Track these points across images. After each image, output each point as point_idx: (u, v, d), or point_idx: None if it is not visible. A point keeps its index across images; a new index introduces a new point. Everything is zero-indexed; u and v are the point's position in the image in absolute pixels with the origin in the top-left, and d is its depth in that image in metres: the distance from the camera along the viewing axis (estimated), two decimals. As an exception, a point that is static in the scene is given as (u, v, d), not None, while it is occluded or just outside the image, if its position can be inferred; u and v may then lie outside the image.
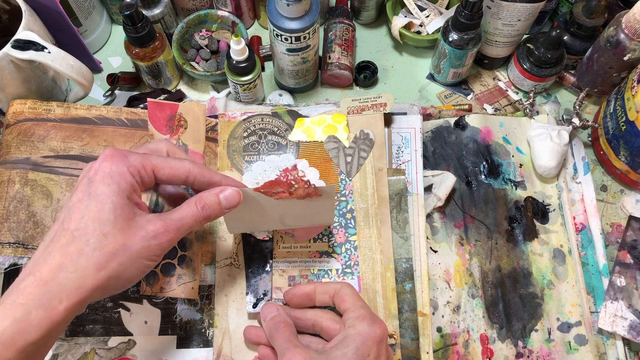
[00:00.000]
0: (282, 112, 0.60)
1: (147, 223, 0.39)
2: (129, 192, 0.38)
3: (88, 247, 0.36)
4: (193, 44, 0.68)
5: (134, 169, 0.39)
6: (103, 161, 0.39)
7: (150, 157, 0.41)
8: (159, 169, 0.41)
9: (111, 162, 0.38)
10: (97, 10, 0.68)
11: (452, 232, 0.57)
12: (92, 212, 0.36)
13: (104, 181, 0.37)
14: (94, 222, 0.36)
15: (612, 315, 0.54)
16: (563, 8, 0.71)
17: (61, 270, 0.35)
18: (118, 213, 0.37)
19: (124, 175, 0.38)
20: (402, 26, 0.68)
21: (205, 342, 0.52)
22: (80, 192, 0.38)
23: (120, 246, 0.37)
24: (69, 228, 0.36)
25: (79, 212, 0.37)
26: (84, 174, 0.40)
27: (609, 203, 0.62)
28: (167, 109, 0.58)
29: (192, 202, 0.41)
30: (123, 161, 0.39)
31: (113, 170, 0.38)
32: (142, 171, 0.40)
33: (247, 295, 0.52)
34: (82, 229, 0.36)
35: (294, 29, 0.56)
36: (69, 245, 0.36)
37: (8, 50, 0.51)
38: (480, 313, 0.54)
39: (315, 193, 0.46)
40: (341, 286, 0.46)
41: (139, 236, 0.38)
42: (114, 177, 0.38)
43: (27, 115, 0.56)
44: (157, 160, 0.41)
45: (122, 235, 0.37)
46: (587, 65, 0.64)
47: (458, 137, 0.61)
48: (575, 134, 0.62)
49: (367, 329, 0.42)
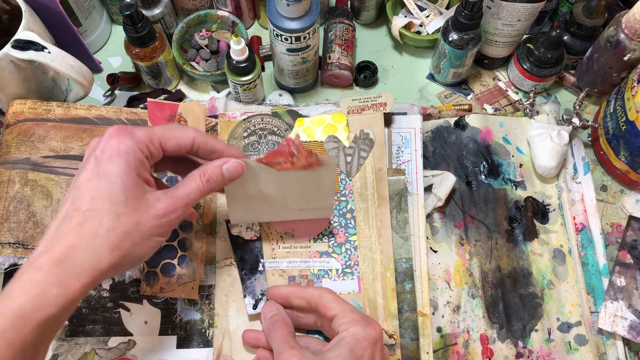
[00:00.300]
0: (282, 112, 0.60)
1: (156, 201, 0.39)
2: (138, 169, 0.38)
3: (101, 227, 0.36)
4: (193, 44, 0.68)
5: (142, 144, 0.39)
6: (110, 139, 0.38)
7: (155, 130, 0.40)
8: (165, 141, 0.40)
9: (118, 139, 0.38)
10: (97, 10, 0.68)
11: (452, 232, 0.57)
12: (103, 193, 0.36)
13: (113, 160, 0.37)
14: (106, 203, 0.36)
15: (612, 315, 0.54)
16: (563, 8, 0.71)
17: (76, 251, 0.35)
18: (129, 193, 0.37)
19: (132, 153, 0.38)
20: (402, 26, 0.68)
21: (205, 342, 0.52)
22: (88, 171, 0.38)
23: (132, 226, 0.37)
24: (81, 208, 0.36)
25: (89, 192, 0.37)
26: (90, 152, 0.39)
27: (609, 203, 0.62)
28: (167, 109, 0.58)
29: (197, 176, 0.41)
30: (130, 138, 0.38)
31: (121, 149, 0.38)
32: (150, 145, 0.39)
33: (245, 297, 0.52)
34: (94, 210, 0.36)
35: (294, 29, 0.56)
36: (82, 226, 0.36)
37: (8, 50, 0.52)
38: (480, 313, 0.54)
39: (316, 162, 0.46)
40: (320, 293, 0.45)
41: (150, 215, 0.38)
42: (122, 156, 0.37)
43: (27, 115, 0.56)
44: (163, 131, 0.41)
45: (134, 214, 0.37)
46: (587, 65, 0.64)
47: (458, 137, 0.61)
48: (575, 134, 0.62)
49: (362, 331, 0.41)
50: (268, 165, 0.46)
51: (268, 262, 0.54)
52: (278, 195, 0.49)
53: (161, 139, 0.40)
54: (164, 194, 0.40)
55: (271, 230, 0.55)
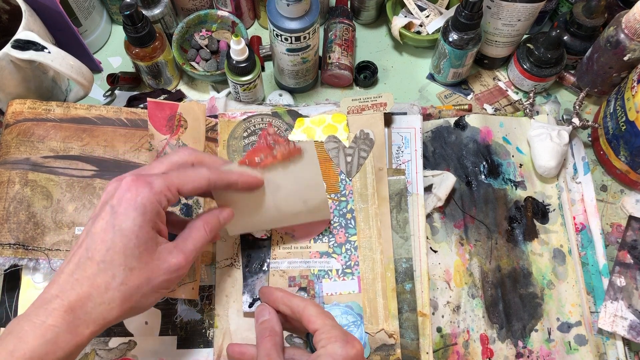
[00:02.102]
0: (282, 112, 0.60)
1: (168, 255, 0.40)
2: (153, 221, 0.39)
3: (115, 281, 0.37)
4: (193, 44, 0.68)
5: (160, 195, 0.39)
6: (127, 190, 0.39)
7: (172, 177, 0.41)
8: (182, 186, 0.41)
9: (136, 192, 0.39)
10: (97, 10, 0.68)
11: (452, 232, 0.57)
12: (117, 246, 0.37)
13: (129, 214, 0.38)
14: (120, 256, 0.37)
15: (612, 315, 0.54)
16: (563, 8, 0.71)
17: (89, 301, 0.37)
18: (142, 247, 0.38)
19: (149, 205, 0.39)
20: (402, 26, 0.68)
21: (205, 343, 0.52)
22: (104, 221, 0.38)
23: (144, 280, 0.39)
24: (95, 258, 0.37)
25: (104, 243, 0.38)
26: (106, 198, 0.40)
27: (609, 203, 0.62)
28: (167, 108, 0.58)
29: (201, 227, 0.43)
30: (148, 188, 0.39)
31: (138, 202, 0.38)
32: (168, 193, 0.40)
33: (243, 295, 0.52)
34: (108, 262, 0.37)
35: (294, 29, 0.56)
36: (96, 277, 0.37)
37: (8, 50, 0.51)
38: (480, 313, 0.54)
39: (296, 150, 0.47)
40: (305, 305, 0.44)
41: (162, 270, 0.40)
42: (138, 209, 0.38)
43: (26, 115, 0.56)
44: (180, 176, 0.41)
45: (146, 269, 0.39)
46: (587, 65, 0.64)
47: (458, 137, 0.61)
48: (575, 134, 0.62)
49: (340, 349, 0.40)
50: (250, 165, 0.46)
51: (270, 263, 0.54)
52: (270, 201, 0.49)
53: (178, 186, 0.41)
54: (175, 247, 0.41)
55: (272, 232, 0.55)
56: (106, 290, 0.37)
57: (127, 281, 0.38)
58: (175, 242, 0.42)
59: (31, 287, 0.51)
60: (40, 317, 0.36)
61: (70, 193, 0.54)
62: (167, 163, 0.43)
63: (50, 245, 0.51)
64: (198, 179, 0.42)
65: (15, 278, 0.52)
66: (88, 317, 0.37)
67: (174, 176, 0.41)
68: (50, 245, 0.51)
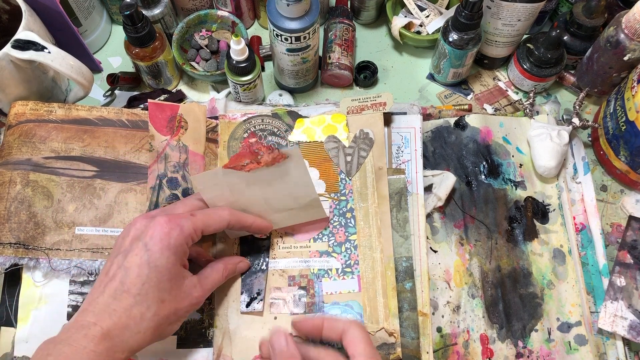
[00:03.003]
0: (282, 113, 0.60)
1: (192, 289, 0.45)
2: (182, 259, 0.44)
3: (149, 312, 0.42)
4: (193, 44, 0.68)
5: (188, 237, 0.44)
6: (161, 231, 0.43)
7: (198, 220, 0.45)
8: (206, 228, 0.46)
9: (169, 232, 0.43)
10: (97, 10, 0.68)
11: (452, 232, 0.57)
12: (152, 281, 0.42)
13: (163, 253, 0.42)
14: (154, 290, 0.42)
15: (612, 315, 0.54)
16: (563, 8, 0.71)
17: (126, 330, 0.41)
18: (173, 282, 0.43)
19: (180, 246, 0.43)
20: (402, 26, 0.68)
21: (205, 342, 0.52)
22: (138, 256, 0.42)
23: (172, 311, 0.43)
24: (131, 291, 0.41)
25: (140, 278, 0.41)
26: (137, 234, 0.44)
27: (609, 203, 0.62)
28: (168, 110, 0.58)
29: (220, 270, 0.49)
30: (179, 230, 0.43)
31: (171, 243, 0.43)
32: (194, 235, 0.45)
33: (241, 294, 0.52)
34: (143, 295, 0.41)
35: (294, 29, 0.56)
36: (132, 308, 0.41)
37: (8, 50, 0.52)
38: (480, 313, 0.54)
39: (280, 155, 0.49)
40: (350, 326, 0.43)
41: (187, 301, 0.45)
42: (172, 249, 0.43)
43: (28, 116, 0.56)
44: (203, 219, 0.46)
45: (175, 301, 0.43)
46: (587, 65, 0.64)
47: (458, 137, 0.61)
48: (575, 134, 0.62)
49: None
50: (236, 169, 0.48)
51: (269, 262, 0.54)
52: (261, 200, 0.51)
53: (202, 228, 0.46)
54: (198, 282, 0.46)
55: (271, 231, 0.55)
56: (141, 320, 0.41)
57: (159, 312, 0.42)
58: (198, 277, 0.46)
59: (31, 286, 0.51)
60: (80, 342, 0.39)
61: (71, 193, 0.54)
62: (189, 205, 0.49)
63: (50, 245, 0.51)
64: (220, 221, 0.47)
65: (16, 277, 0.52)
66: (124, 345, 0.40)
67: (199, 220, 0.45)
68: (50, 245, 0.51)
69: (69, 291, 0.52)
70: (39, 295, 0.51)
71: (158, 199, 0.55)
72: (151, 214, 0.46)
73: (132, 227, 0.44)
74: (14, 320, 0.51)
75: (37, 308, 0.51)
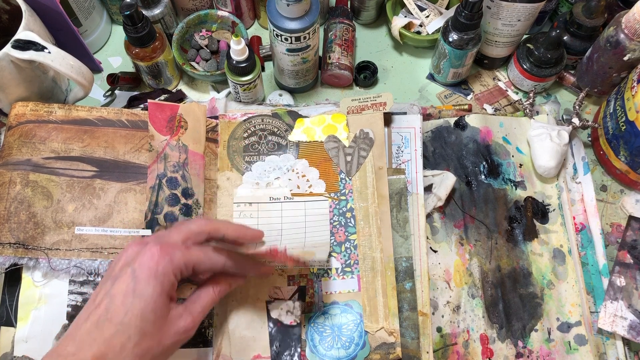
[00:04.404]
0: (282, 113, 0.60)
1: (178, 319, 0.43)
2: (168, 291, 0.42)
3: (129, 342, 0.40)
4: (193, 44, 0.68)
5: (177, 269, 0.42)
6: (150, 259, 0.41)
7: (192, 254, 0.43)
8: (198, 265, 0.44)
9: (158, 261, 0.41)
10: (97, 10, 0.68)
11: (452, 232, 0.57)
12: (136, 310, 0.40)
13: (150, 282, 0.41)
14: (137, 320, 0.40)
15: (612, 315, 0.54)
16: (563, 8, 0.71)
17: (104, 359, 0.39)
18: (157, 313, 0.41)
19: (167, 276, 0.42)
20: (402, 26, 0.68)
21: (204, 342, 0.52)
22: (124, 284, 0.41)
23: (155, 343, 0.41)
24: (113, 320, 0.40)
25: (123, 307, 0.40)
26: (127, 260, 0.42)
27: (608, 203, 0.62)
28: (168, 110, 0.58)
29: (210, 290, 0.46)
30: (169, 260, 0.42)
31: (159, 271, 0.41)
32: (184, 269, 0.43)
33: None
34: (125, 324, 0.40)
35: (294, 29, 0.56)
36: (112, 338, 0.39)
37: (8, 50, 0.52)
38: (480, 313, 0.54)
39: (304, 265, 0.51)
40: None
41: (172, 332, 0.42)
42: (158, 278, 0.41)
43: (28, 117, 0.56)
44: (199, 256, 0.44)
45: (158, 333, 0.41)
46: (587, 65, 0.64)
47: (458, 137, 0.61)
48: (575, 134, 0.62)
49: None
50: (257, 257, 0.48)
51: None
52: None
53: (195, 264, 0.43)
54: (184, 310, 0.44)
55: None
56: (121, 351, 0.39)
57: (141, 343, 0.40)
58: (184, 305, 0.44)
59: (31, 286, 0.51)
60: None
61: (71, 193, 0.54)
62: (185, 232, 0.45)
63: (50, 245, 0.51)
64: (215, 262, 0.45)
65: (16, 277, 0.52)
66: None
67: (193, 255, 0.44)
68: (50, 245, 0.51)
69: (68, 291, 0.52)
70: (39, 295, 0.51)
71: (158, 199, 0.55)
72: (146, 239, 0.44)
73: (125, 252, 0.43)
74: (14, 320, 0.51)
75: (36, 308, 0.51)
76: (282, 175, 0.57)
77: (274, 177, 0.57)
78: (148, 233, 0.53)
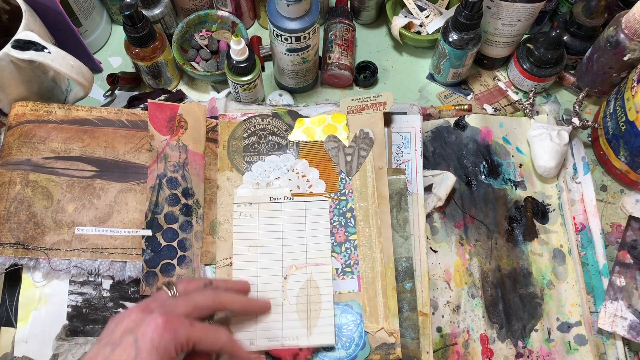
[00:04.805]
0: (282, 113, 0.60)
1: None
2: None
3: None
4: (193, 44, 0.68)
5: (179, 346, 0.42)
6: (154, 330, 0.40)
7: (195, 331, 0.43)
8: (198, 342, 0.43)
9: (162, 334, 0.41)
10: (97, 10, 0.68)
11: (452, 232, 0.57)
12: None
13: (151, 355, 0.40)
14: None
15: (612, 315, 0.54)
16: (563, 8, 0.71)
17: None
18: None
19: (168, 352, 0.41)
20: (402, 26, 0.68)
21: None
22: (126, 353, 0.40)
23: None
24: None
25: None
26: (129, 327, 0.41)
27: (608, 203, 0.62)
28: (168, 110, 0.58)
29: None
30: (172, 335, 0.41)
31: (161, 345, 0.40)
32: (185, 346, 0.42)
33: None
34: None
35: (294, 29, 0.56)
36: None
37: (8, 50, 0.52)
38: (480, 313, 0.54)
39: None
40: None
41: None
42: (160, 352, 0.40)
43: (28, 117, 0.56)
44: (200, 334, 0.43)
45: None
46: (587, 65, 0.64)
47: (458, 137, 0.61)
48: (575, 134, 0.62)
49: None
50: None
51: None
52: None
53: (196, 341, 0.43)
54: None
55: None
56: None
57: None
58: None
59: (31, 287, 0.51)
60: None
61: (71, 193, 0.54)
62: (191, 305, 0.45)
63: (50, 245, 0.51)
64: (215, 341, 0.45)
65: (16, 277, 0.52)
66: None
67: (196, 333, 0.43)
68: (50, 245, 0.51)
69: (68, 291, 0.52)
70: (39, 296, 0.51)
71: (158, 199, 0.55)
72: (150, 306, 0.43)
73: (127, 317, 0.42)
74: (14, 320, 0.51)
75: (37, 308, 0.51)
76: (282, 175, 0.57)
77: (274, 177, 0.57)
78: (148, 233, 0.53)
